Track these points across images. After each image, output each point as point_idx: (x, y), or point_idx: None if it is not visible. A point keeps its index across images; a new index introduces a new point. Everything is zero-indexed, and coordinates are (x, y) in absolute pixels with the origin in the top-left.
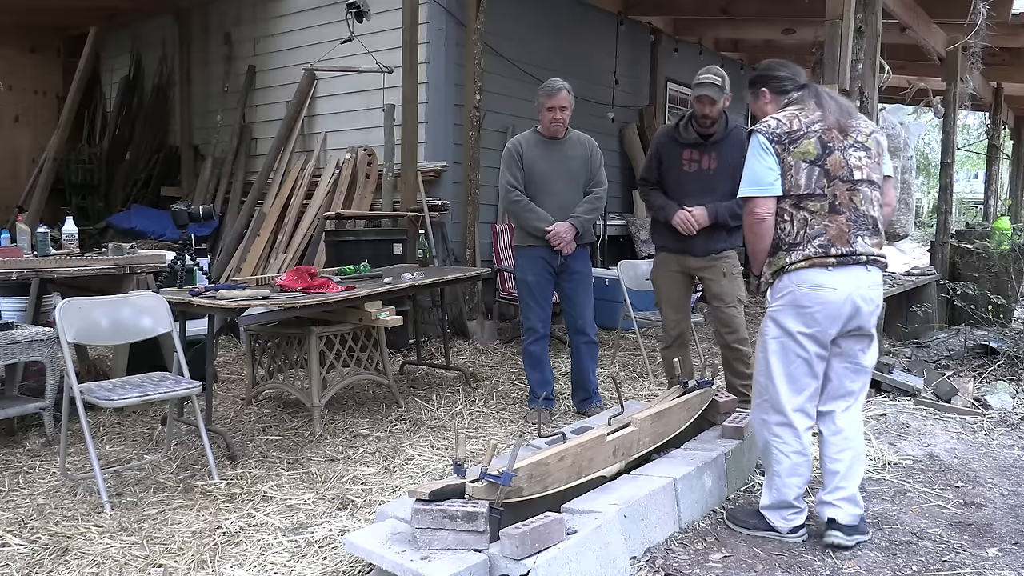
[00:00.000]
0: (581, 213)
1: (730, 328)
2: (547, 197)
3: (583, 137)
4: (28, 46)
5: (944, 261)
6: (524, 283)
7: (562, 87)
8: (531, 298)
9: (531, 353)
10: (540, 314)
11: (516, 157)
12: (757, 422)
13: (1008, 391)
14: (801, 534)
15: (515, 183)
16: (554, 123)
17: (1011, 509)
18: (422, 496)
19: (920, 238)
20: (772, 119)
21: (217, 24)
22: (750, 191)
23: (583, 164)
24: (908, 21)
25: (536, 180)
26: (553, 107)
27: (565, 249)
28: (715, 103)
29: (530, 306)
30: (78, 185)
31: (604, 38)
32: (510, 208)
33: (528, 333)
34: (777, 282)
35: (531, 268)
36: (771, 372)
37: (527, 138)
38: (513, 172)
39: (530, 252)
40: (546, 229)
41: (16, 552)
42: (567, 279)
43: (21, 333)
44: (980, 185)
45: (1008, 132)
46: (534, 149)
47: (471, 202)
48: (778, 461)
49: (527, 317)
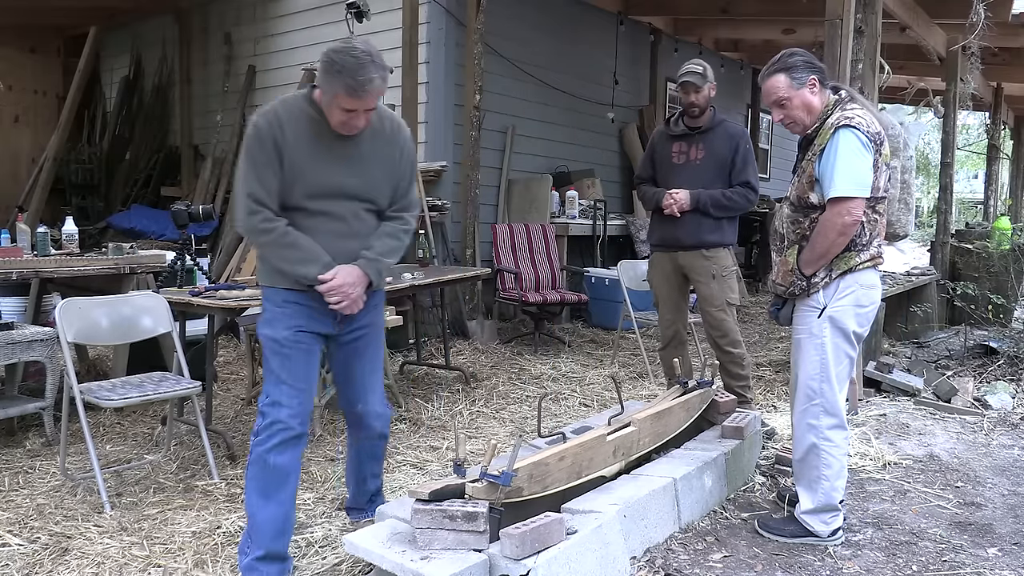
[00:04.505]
0: (380, 254)
1: (720, 332)
2: (323, 220)
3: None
4: (28, 46)
5: (944, 261)
6: (273, 343)
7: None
8: (283, 368)
9: (272, 466)
10: (295, 396)
11: (272, 149)
12: (803, 427)
13: (1008, 391)
14: (839, 537)
15: (264, 199)
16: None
17: (1011, 509)
18: (422, 496)
19: (920, 238)
20: (859, 117)
21: (217, 24)
22: (854, 191)
23: (387, 168)
24: (908, 21)
25: (308, 191)
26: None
27: (349, 309)
28: (699, 89)
29: (280, 380)
30: (78, 185)
31: (604, 38)
32: (258, 242)
33: (271, 429)
34: (839, 281)
35: (284, 319)
36: (828, 374)
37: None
38: (263, 176)
39: (286, 296)
40: (320, 278)
41: (16, 552)
42: (345, 339)
43: (21, 333)
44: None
45: (1008, 132)
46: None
47: (471, 202)
48: (828, 465)
49: (273, 398)
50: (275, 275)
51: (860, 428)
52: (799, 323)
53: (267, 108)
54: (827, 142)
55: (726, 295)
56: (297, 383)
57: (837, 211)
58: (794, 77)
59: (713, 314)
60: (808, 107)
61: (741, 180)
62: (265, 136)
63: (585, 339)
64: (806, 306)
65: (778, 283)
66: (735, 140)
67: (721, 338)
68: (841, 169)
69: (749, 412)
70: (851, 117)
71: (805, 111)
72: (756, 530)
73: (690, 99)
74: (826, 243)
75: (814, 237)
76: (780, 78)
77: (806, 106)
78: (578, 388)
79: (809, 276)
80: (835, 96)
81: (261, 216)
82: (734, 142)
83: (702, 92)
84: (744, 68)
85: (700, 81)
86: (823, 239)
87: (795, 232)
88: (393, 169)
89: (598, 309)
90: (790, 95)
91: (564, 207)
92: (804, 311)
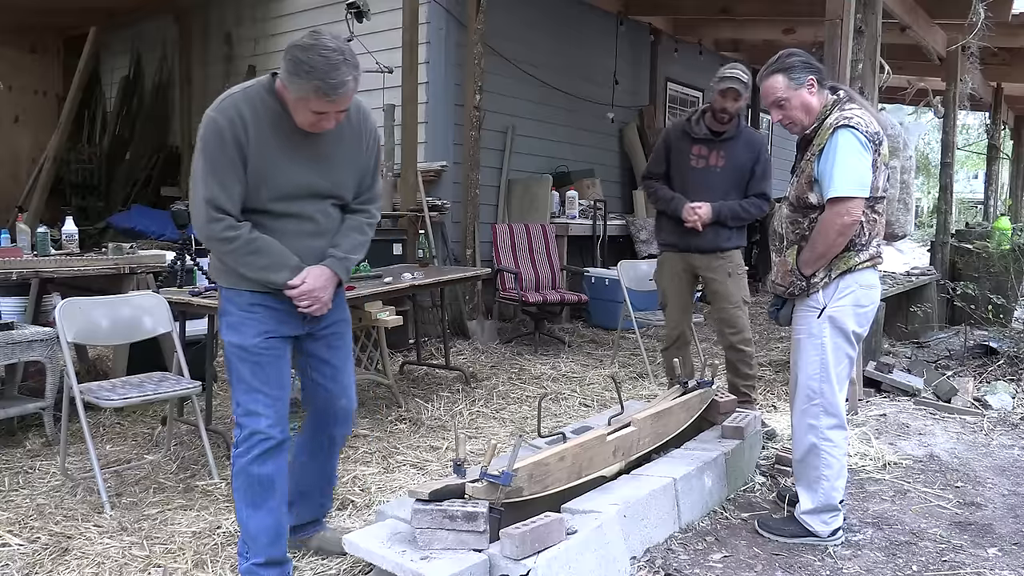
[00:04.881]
0: (348, 251)
1: (735, 329)
2: (290, 221)
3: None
4: (28, 46)
5: (944, 261)
6: (242, 350)
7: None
8: (255, 376)
9: (256, 477)
10: (271, 404)
11: (234, 150)
12: (803, 427)
13: (1008, 391)
14: (839, 537)
15: (225, 205)
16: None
17: (1011, 509)
18: (422, 496)
19: (920, 238)
20: (857, 117)
21: (217, 24)
22: (854, 191)
23: (355, 162)
24: (908, 21)
25: (274, 194)
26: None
27: (319, 312)
28: (739, 97)
29: (253, 389)
30: (78, 185)
31: (604, 38)
32: (219, 250)
33: (251, 440)
34: (839, 281)
35: (253, 324)
36: (828, 374)
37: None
38: (224, 180)
39: (251, 299)
40: (290, 284)
41: (16, 552)
42: (320, 334)
43: (21, 333)
44: (980, 185)
45: (1008, 132)
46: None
47: (471, 202)
48: (828, 465)
49: (248, 408)
50: (236, 277)
51: (860, 428)
52: (799, 323)
53: (225, 102)
54: (826, 142)
55: (742, 293)
56: (272, 390)
57: (836, 211)
58: (792, 78)
59: (730, 311)
60: (806, 107)
61: (758, 191)
62: (226, 135)
63: (585, 339)
64: (806, 306)
65: (777, 283)
66: (756, 150)
67: (735, 335)
68: (840, 169)
69: (749, 412)
70: (850, 117)
71: (803, 111)
72: (756, 530)
73: (727, 104)
74: (826, 243)
75: (814, 237)
76: (778, 79)
77: (804, 107)
78: (578, 388)
79: (808, 276)
80: (833, 96)
81: (223, 224)
82: (755, 152)
83: (741, 99)
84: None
85: (743, 89)
86: (823, 239)
87: (794, 232)
88: (361, 162)
89: (598, 309)
90: (788, 96)
91: (564, 207)
92: (804, 311)
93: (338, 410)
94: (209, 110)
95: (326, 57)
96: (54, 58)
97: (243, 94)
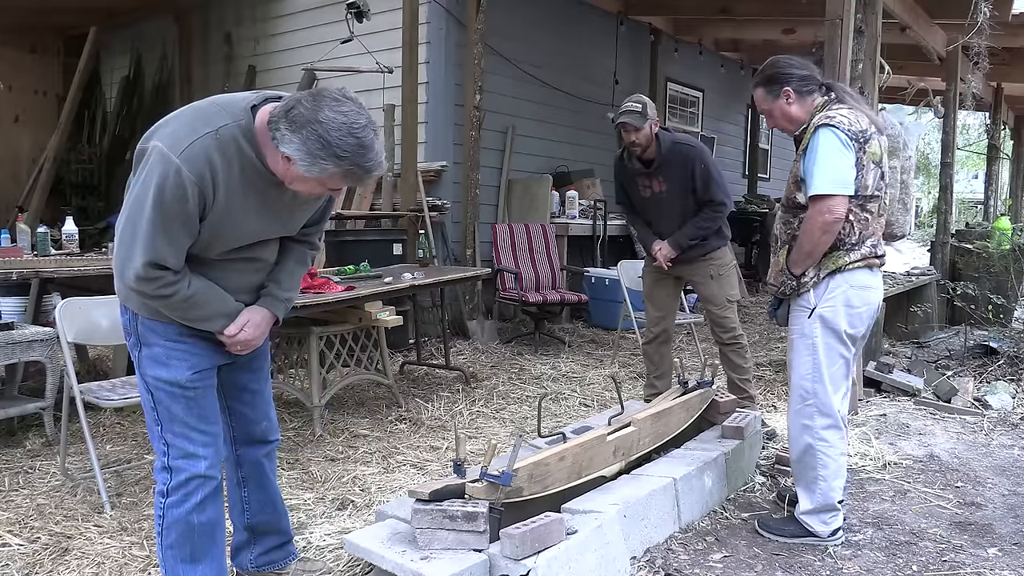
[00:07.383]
0: (289, 289)
1: (723, 328)
2: (237, 263)
3: None
4: (28, 46)
5: (944, 261)
6: (174, 387)
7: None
8: (190, 413)
9: (197, 527)
10: (209, 443)
11: (195, 209)
12: (797, 428)
13: (1008, 391)
14: (839, 537)
15: (168, 263)
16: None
17: (1011, 509)
18: (422, 496)
19: (920, 238)
20: (840, 116)
21: (217, 24)
22: (833, 188)
23: (316, 202)
24: (908, 21)
25: (226, 248)
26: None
27: (249, 349)
28: (638, 130)
29: (189, 427)
30: (78, 185)
31: (604, 38)
32: (147, 300)
33: (188, 486)
34: (828, 281)
35: (183, 358)
36: (820, 374)
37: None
38: (174, 238)
39: (179, 331)
40: (227, 332)
41: (16, 552)
42: (242, 360)
43: (21, 333)
44: (980, 185)
45: (1008, 132)
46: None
47: (471, 202)
48: (824, 465)
49: (184, 450)
50: (160, 312)
51: (860, 428)
52: (792, 323)
53: (195, 147)
54: (808, 142)
55: (726, 293)
56: (209, 427)
57: (818, 209)
58: (769, 91)
59: (716, 312)
60: (787, 116)
61: (706, 200)
62: (189, 191)
63: (585, 339)
64: (798, 306)
65: (771, 283)
66: (690, 165)
67: (725, 333)
68: (820, 167)
69: (749, 412)
70: (832, 117)
71: (785, 120)
72: (756, 530)
73: (630, 139)
74: (811, 242)
75: (800, 236)
76: (759, 92)
77: (785, 116)
78: (578, 388)
79: (798, 276)
80: (824, 98)
81: (159, 283)
82: (689, 167)
83: (642, 131)
84: (744, 68)
85: (639, 121)
86: (808, 238)
87: (786, 232)
88: (321, 201)
89: (598, 309)
90: (769, 107)
91: (564, 207)
92: (796, 311)
93: (261, 432)
94: (173, 153)
95: (359, 139)
96: (54, 58)
97: (217, 143)
